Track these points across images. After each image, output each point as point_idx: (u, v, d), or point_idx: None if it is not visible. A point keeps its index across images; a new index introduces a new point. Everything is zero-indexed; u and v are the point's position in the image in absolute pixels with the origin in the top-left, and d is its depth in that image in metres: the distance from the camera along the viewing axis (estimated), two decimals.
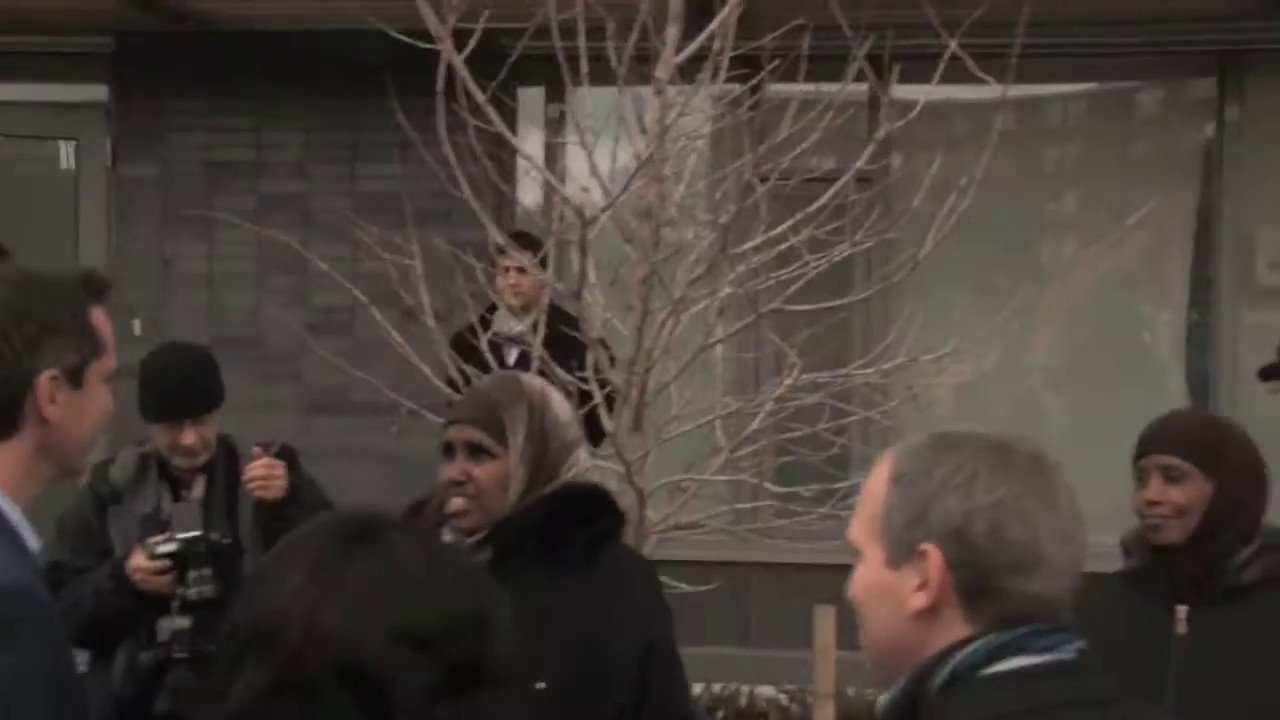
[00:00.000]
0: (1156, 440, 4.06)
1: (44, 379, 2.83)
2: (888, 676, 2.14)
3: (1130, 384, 9.38)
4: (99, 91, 10.89)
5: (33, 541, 2.90)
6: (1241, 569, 3.95)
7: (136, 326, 10.17)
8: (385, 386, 5.87)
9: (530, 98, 8.16)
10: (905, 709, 2.08)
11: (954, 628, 2.08)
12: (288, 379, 9.47)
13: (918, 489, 2.12)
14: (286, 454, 5.20)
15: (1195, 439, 4.04)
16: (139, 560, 4.80)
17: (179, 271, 10.39)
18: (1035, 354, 10.04)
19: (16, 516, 2.86)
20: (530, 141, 7.85)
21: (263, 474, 4.95)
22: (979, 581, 2.08)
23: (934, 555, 2.07)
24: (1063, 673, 2.08)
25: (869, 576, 2.17)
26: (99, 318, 2.98)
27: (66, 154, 11.24)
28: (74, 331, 2.91)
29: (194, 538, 4.79)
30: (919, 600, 2.08)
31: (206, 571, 4.75)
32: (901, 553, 2.11)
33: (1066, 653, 2.09)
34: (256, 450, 5.00)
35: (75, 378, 2.89)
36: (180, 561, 4.76)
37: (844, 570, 6.61)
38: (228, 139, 10.35)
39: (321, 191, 9.94)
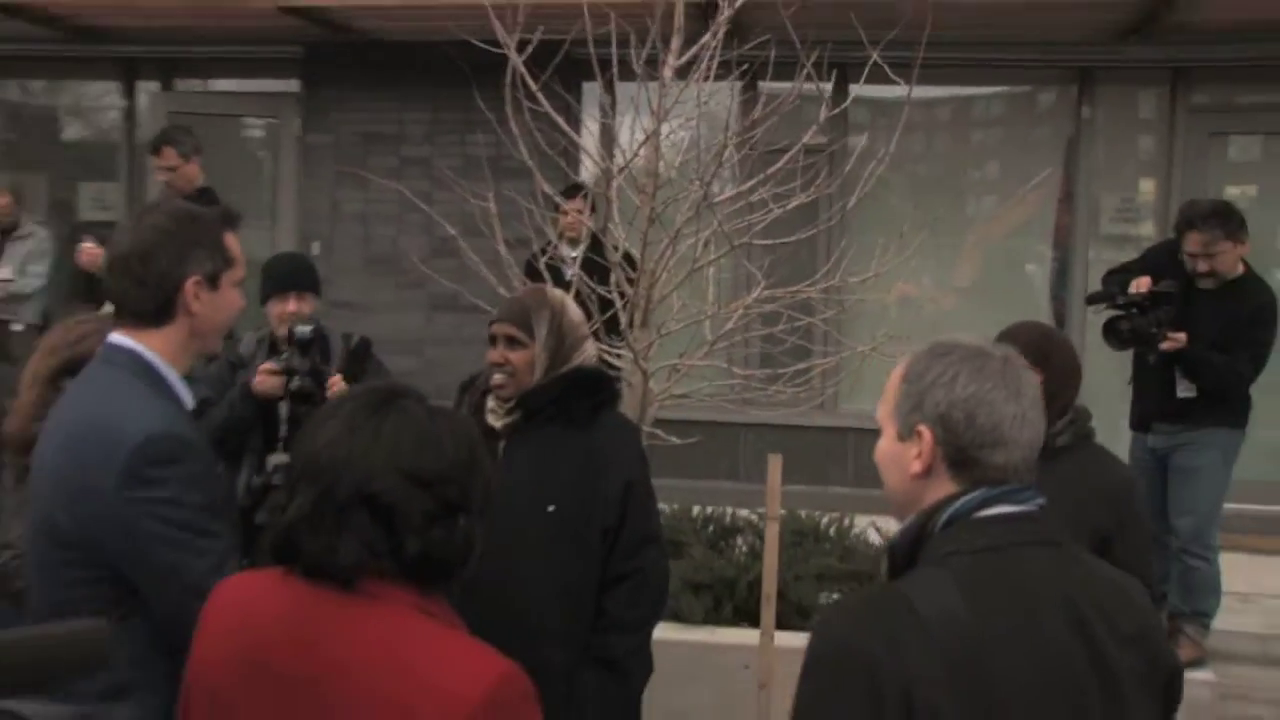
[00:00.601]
0: (1003, 340, 4.04)
1: (190, 282, 2.88)
2: (901, 515, 2.26)
3: (1017, 302, 9.36)
4: (293, 84, 10.97)
5: (186, 397, 2.94)
6: (1057, 435, 3.96)
7: (315, 248, 10.24)
8: (481, 295, 5.86)
9: (590, 89, 8.15)
10: (914, 539, 2.19)
11: (943, 486, 2.21)
12: (416, 287, 9.51)
13: (917, 384, 2.23)
14: (363, 344, 5.27)
15: (1030, 342, 3.98)
16: (259, 374, 4.90)
17: (344, 211, 10.45)
18: (956, 278, 10.01)
19: (175, 379, 2.91)
20: (590, 124, 7.83)
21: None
22: (958, 454, 2.19)
23: (926, 434, 2.20)
24: (1031, 519, 2.19)
25: (886, 446, 2.29)
26: (231, 240, 3.03)
27: (269, 128, 11.27)
28: (211, 248, 2.94)
29: (292, 352, 4.86)
30: (916, 466, 2.21)
31: (306, 382, 4.81)
32: (906, 430, 2.24)
33: (1033, 506, 2.20)
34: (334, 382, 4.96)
35: (212, 282, 2.93)
36: (285, 372, 4.85)
37: (795, 431, 6.58)
38: (378, 118, 10.39)
39: (441, 155, 9.93)
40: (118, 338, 2.88)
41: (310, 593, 2.08)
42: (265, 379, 4.88)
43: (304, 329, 4.88)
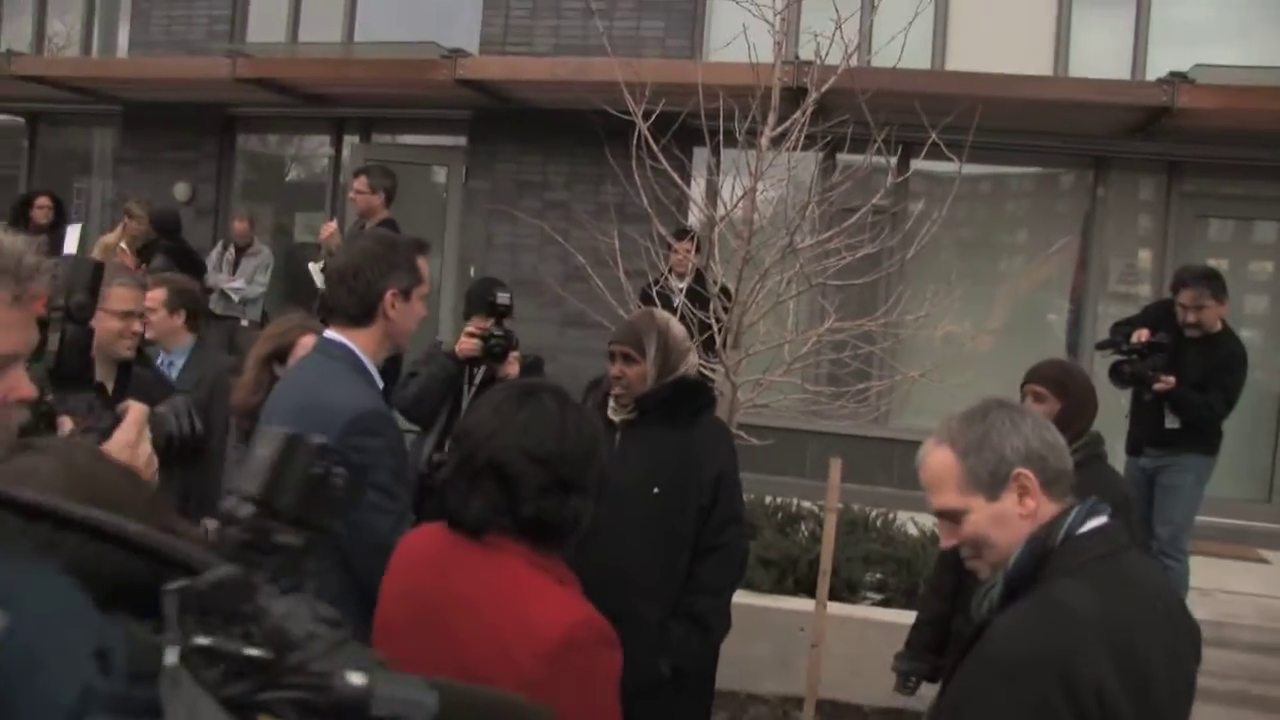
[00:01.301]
0: (1031, 375, 3.94)
1: (389, 294, 2.92)
2: (998, 567, 2.06)
3: (1039, 344, 9.09)
4: (461, 140, 10.92)
5: (380, 383, 2.98)
6: (1072, 454, 3.76)
7: (471, 271, 10.23)
8: (604, 315, 5.78)
9: (698, 154, 8.03)
10: (1034, 564, 2.00)
11: (1046, 508, 2.03)
12: (553, 306, 9.44)
13: (988, 444, 2.03)
14: (537, 361, 5.06)
15: (1053, 376, 3.89)
16: (462, 337, 4.69)
17: (495, 242, 10.41)
18: (990, 322, 9.76)
19: (372, 369, 2.95)
20: (697, 177, 7.71)
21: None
22: (1050, 474, 2.04)
23: (1025, 473, 2.02)
24: (1118, 529, 2.07)
25: (980, 518, 2.05)
26: (422, 263, 3.05)
27: (440, 174, 11.31)
28: (407, 268, 2.97)
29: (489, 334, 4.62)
30: (1029, 505, 2.02)
31: (501, 344, 4.59)
32: (998, 487, 2.03)
33: (1108, 516, 2.07)
34: (514, 355, 4.74)
35: (406, 295, 2.95)
36: (484, 336, 4.60)
37: (852, 440, 6.30)
38: (527, 169, 10.32)
39: (576, 200, 9.84)
40: (332, 334, 2.96)
41: (451, 539, 2.09)
42: (467, 340, 4.65)
43: (504, 295, 4.65)
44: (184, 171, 11.32)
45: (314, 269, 7.03)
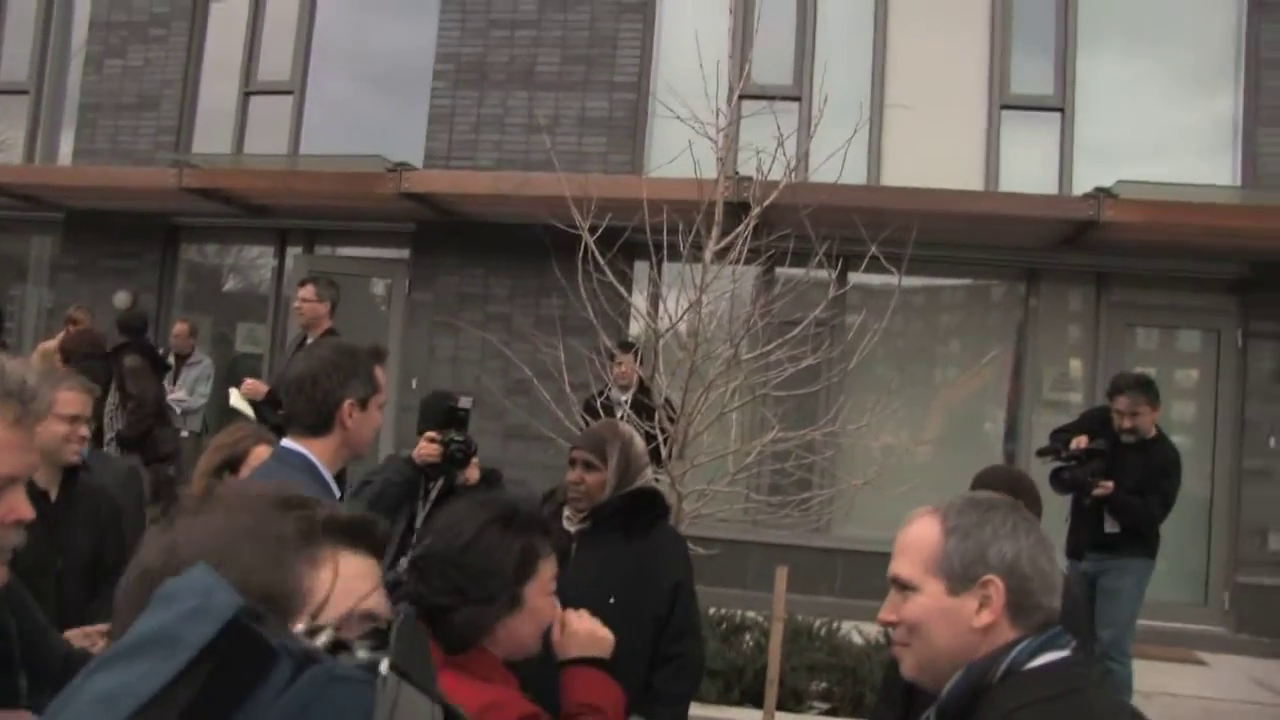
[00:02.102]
0: (979, 481, 3.91)
1: (347, 404, 2.94)
2: (938, 679, 1.81)
3: (976, 452, 9.17)
4: (404, 252, 10.96)
5: (336, 492, 2.98)
6: None
7: (414, 384, 10.18)
8: (548, 427, 5.76)
9: (640, 266, 8.11)
10: (968, 698, 1.76)
11: (1003, 634, 1.79)
12: (495, 419, 9.39)
13: (975, 537, 1.82)
14: (495, 474, 4.97)
15: (1003, 482, 3.86)
16: (422, 446, 4.62)
17: (438, 355, 10.38)
18: (927, 432, 9.85)
19: (329, 478, 2.96)
20: (640, 290, 7.79)
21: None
22: (1025, 600, 1.80)
23: (997, 584, 1.79)
24: (1079, 663, 1.81)
25: (930, 604, 1.82)
26: (379, 372, 3.07)
27: (382, 287, 11.31)
28: (364, 377, 3.00)
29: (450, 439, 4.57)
30: (985, 618, 1.79)
31: (461, 449, 4.55)
32: (962, 584, 1.80)
33: (1070, 648, 1.82)
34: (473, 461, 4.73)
35: (363, 404, 2.98)
36: (444, 441, 4.54)
37: (795, 550, 6.29)
38: (469, 281, 10.34)
39: (519, 313, 9.90)
40: (289, 443, 2.97)
41: None
42: (426, 446, 4.59)
43: (466, 400, 4.68)
44: (125, 279, 11.21)
45: (234, 394, 6.95)
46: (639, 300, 6.68)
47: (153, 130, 11.29)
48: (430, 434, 4.65)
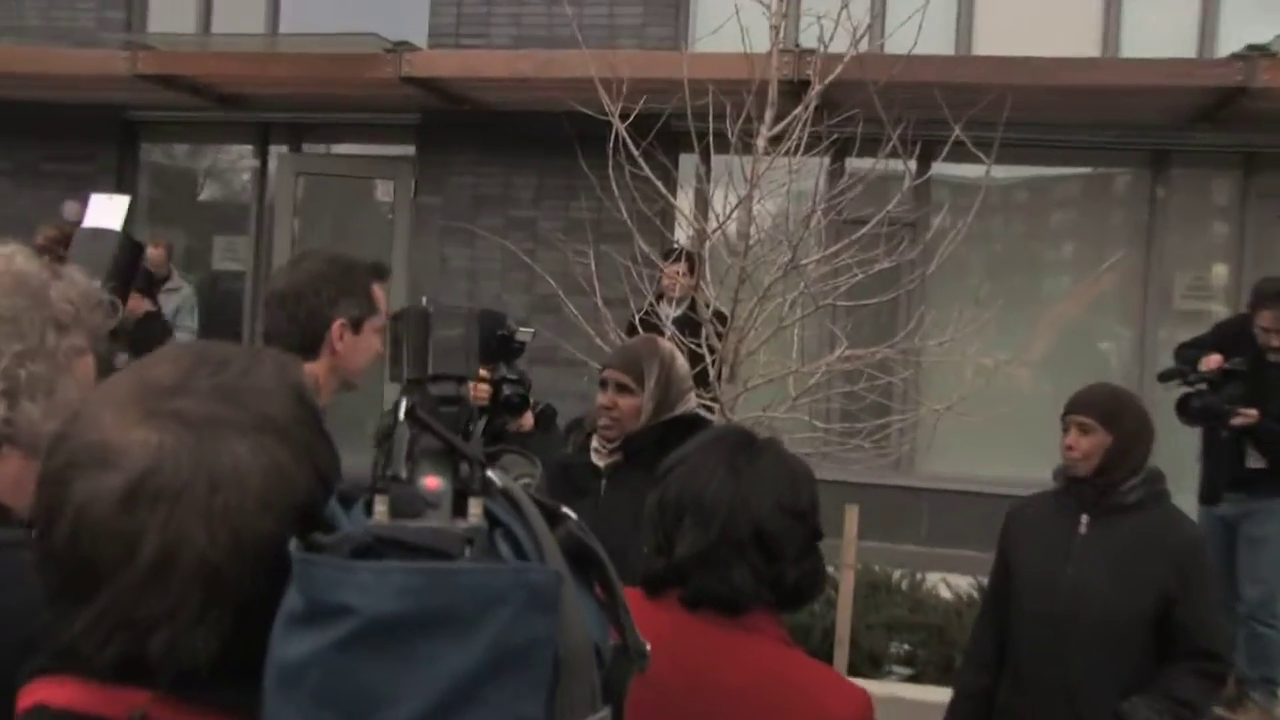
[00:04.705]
0: (1075, 405, 4.01)
1: (337, 324, 2.98)
2: None
3: (1087, 375, 9.17)
4: (408, 149, 11.10)
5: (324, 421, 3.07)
6: (1128, 493, 3.89)
7: (424, 301, 10.33)
8: (580, 350, 5.91)
9: (686, 161, 8.18)
10: None
11: None
12: None
13: None
14: (549, 414, 4.76)
15: (1100, 404, 3.98)
16: None
17: (451, 266, 10.56)
18: (1030, 351, 9.89)
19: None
20: (685, 188, 7.89)
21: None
22: None
23: None
24: None
25: None
26: (378, 291, 3.10)
27: (384, 190, 11.48)
28: (360, 295, 3.04)
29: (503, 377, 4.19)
30: None
31: (517, 390, 4.17)
32: None
33: None
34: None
35: (356, 326, 3.02)
36: (496, 384, 4.15)
37: (870, 489, 6.47)
38: (486, 181, 10.49)
39: (545, 217, 10.03)
40: None
41: (691, 621, 2.19)
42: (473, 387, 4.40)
43: (526, 331, 4.31)
44: (74, 187, 10.78)
45: None
46: (684, 199, 6.78)
47: (94, 4, 11.28)
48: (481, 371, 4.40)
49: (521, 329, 4.28)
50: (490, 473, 1.13)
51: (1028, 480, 5.47)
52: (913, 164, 5.52)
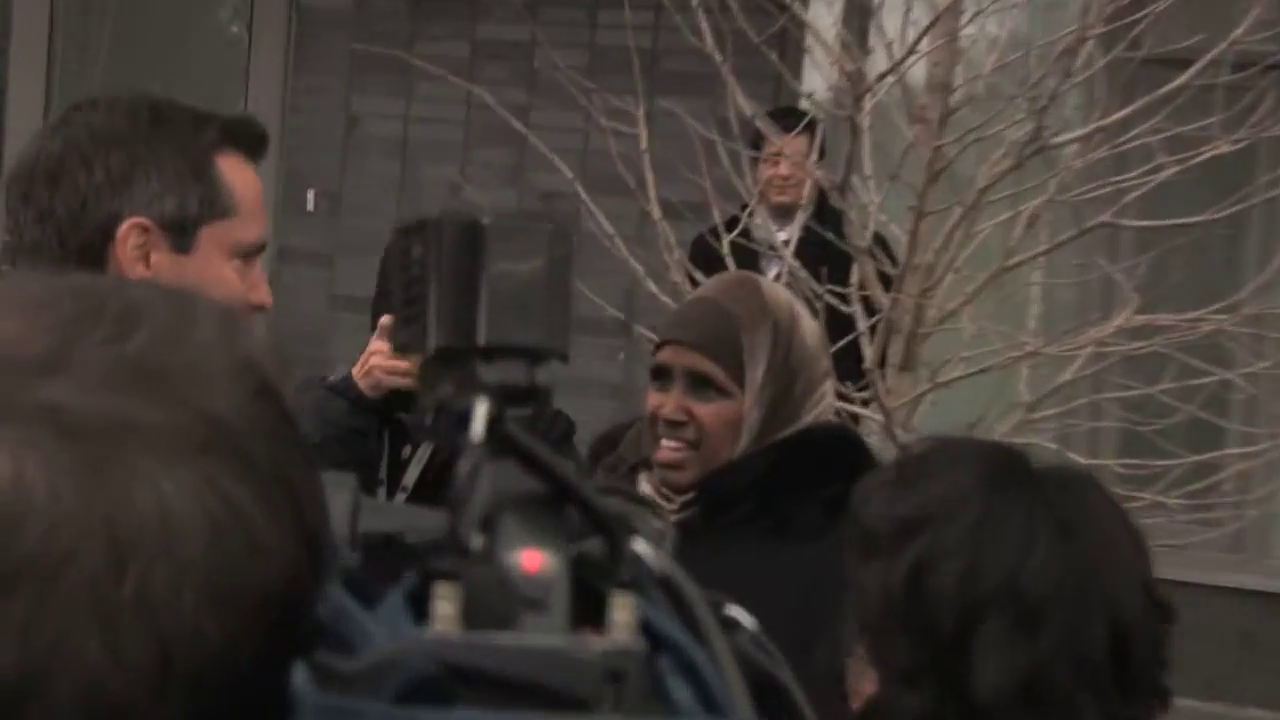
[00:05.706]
0: None
1: (127, 226, 2.79)
2: None
3: None
4: None
5: None
6: None
7: (310, 199, 10.38)
8: (610, 303, 5.93)
9: None
10: None
11: None
12: None
13: None
14: (568, 425, 5.15)
15: None
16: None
17: (367, 133, 10.59)
18: None
19: None
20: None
21: None
22: None
23: None
24: None
25: None
26: (234, 168, 2.91)
27: None
28: (182, 174, 2.84)
29: None
30: None
31: None
32: None
33: None
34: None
35: (178, 234, 2.83)
36: None
37: (1186, 590, 6.57)
38: None
39: (551, 41, 10.01)
40: None
41: None
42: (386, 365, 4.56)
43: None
44: None
45: None
46: (823, 18, 6.77)
47: None
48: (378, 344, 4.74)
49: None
50: (639, 542, 1.14)
51: None
52: None
